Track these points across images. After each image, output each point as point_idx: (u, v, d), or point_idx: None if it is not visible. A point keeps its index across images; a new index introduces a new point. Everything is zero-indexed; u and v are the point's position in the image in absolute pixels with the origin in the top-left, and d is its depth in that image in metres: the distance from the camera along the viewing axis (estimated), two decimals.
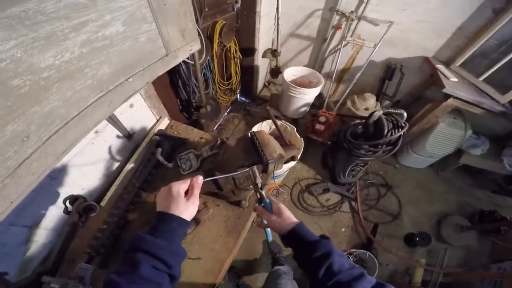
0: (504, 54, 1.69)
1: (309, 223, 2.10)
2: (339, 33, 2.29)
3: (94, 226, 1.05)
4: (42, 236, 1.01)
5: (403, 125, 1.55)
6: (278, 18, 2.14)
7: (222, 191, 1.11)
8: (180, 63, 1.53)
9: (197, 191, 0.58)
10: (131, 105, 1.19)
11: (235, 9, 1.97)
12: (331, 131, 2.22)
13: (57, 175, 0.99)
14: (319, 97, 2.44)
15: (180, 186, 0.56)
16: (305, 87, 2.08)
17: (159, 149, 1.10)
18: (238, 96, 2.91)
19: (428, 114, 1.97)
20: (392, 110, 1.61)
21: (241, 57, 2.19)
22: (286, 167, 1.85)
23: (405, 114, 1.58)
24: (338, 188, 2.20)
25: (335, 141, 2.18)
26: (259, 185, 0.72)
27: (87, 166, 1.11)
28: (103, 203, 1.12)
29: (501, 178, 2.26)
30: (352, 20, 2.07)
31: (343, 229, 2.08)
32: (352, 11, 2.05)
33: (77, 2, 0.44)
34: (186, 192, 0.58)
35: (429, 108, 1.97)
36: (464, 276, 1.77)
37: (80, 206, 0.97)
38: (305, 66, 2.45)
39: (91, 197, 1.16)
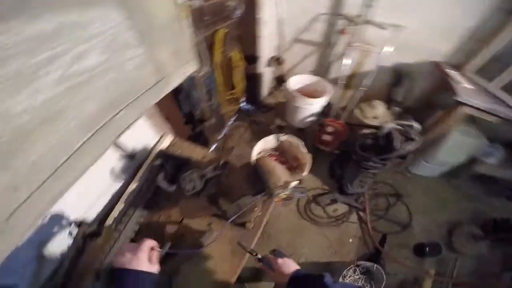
0: None
1: (316, 234, 2.05)
2: (344, 38, 2.22)
3: (101, 244, 1.03)
4: (50, 253, 0.98)
5: (415, 138, 1.49)
6: (281, 24, 2.09)
7: (225, 215, 1.08)
8: None
9: (156, 255, 0.66)
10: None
11: (236, 16, 1.92)
12: (339, 140, 2.16)
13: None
14: (326, 105, 2.38)
15: (145, 248, 0.63)
16: (312, 96, 2.02)
17: (161, 175, 1.07)
18: (243, 105, 2.87)
19: (440, 122, 1.89)
20: (404, 122, 1.55)
21: (245, 65, 2.15)
22: (294, 184, 1.82)
23: (417, 125, 1.51)
24: (346, 198, 2.14)
25: (343, 151, 2.12)
26: (253, 253, 0.81)
27: (90, 187, 1.08)
28: (108, 222, 1.10)
29: None
30: (358, 24, 2.00)
31: (351, 240, 2.03)
32: (357, 15, 1.98)
33: (38, 34, 0.38)
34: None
35: (441, 116, 1.89)
36: (476, 286, 1.70)
37: (85, 232, 0.95)
38: (311, 71, 2.39)
39: (96, 218, 1.13)
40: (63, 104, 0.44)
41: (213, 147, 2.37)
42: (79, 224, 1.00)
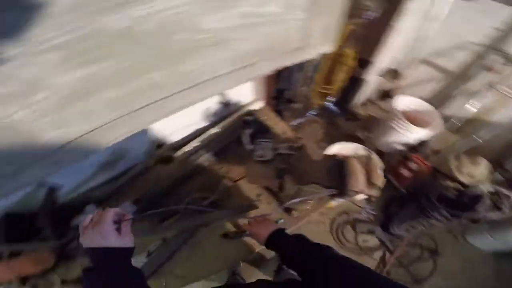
0: None
1: None
2: (487, 76, 1.84)
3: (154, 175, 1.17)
4: (116, 164, 1.16)
5: (504, 209, 1.29)
6: (419, 41, 1.86)
7: (281, 192, 1.10)
8: None
9: (128, 224, 0.53)
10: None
11: (369, 17, 1.79)
12: (415, 181, 1.91)
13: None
14: (420, 140, 2.09)
15: (106, 220, 0.48)
16: (414, 124, 1.79)
17: (248, 130, 1.15)
18: (329, 104, 2.75)
19: None
20: (503, 190, 1.33)
21: (354, 66, 2.02)
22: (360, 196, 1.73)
23: None
24: (384, 235, 2.01)
25: (410, 192, 1.93)
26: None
27: (181, 115, 1.25)
28: (178, 154, 1.25)
29: None
30: None
31: None
32: None
33: None
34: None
35: None
36: None
37: (162, 155, 1.11)
38: (424, 97, 2.10)
39: (171, 146, 1.30)
40: (233, 36, 0.51)
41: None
42: (159, 145, 1.17)
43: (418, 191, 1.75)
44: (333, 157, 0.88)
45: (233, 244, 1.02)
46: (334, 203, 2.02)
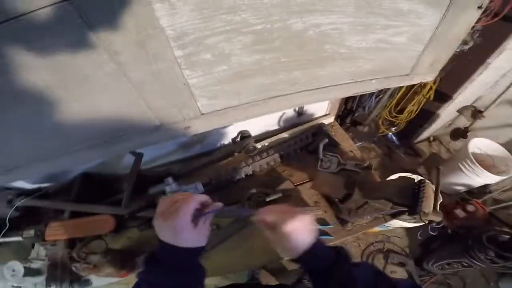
0: None
1: None
2: None
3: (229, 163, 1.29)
4: (193, 146, 1.29)
5: None
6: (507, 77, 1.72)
7: (343, 204, 1.13)
8: None
9: (211, 216, 0.47)
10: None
11: (458, 49, 1.73)
12: (467, 223, 1.83)
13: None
14: (485, 186, 1.92)
15: (185, 213, 0.41)
16: (483, 168, 1.66)
17: (325, 140, 1.22)
18: (391, 134, 2.66)
19: None
20: None
21: (430, 98, 1.95)
22: (403, 224, 1.67)
23: None
24: (415, 269, 1.97)
25: (457, 233, 1.89)
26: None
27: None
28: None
29: None
30: None
31: None
32: None
33: (401, 8, 0.53)
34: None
35: None
36: None
37: (248, 144, 1.23)
38: (499, 143, 1.92)
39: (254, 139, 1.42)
40: (363, 55, 0.61)
41: None
42: (244, 136, 1.31)
43: (467, 232, 1.75)
44: (409, 178, 0.89)
45: None
46: (378, 228, 1.97)
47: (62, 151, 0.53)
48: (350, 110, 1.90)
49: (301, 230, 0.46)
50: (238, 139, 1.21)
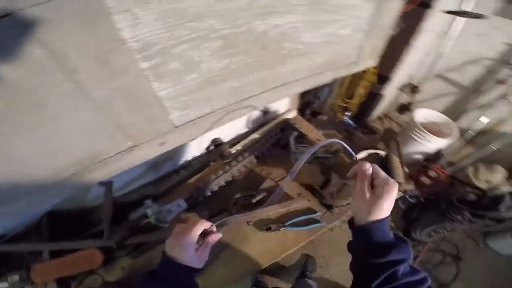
0: None
1: None
2: (500, 89, 1.97)
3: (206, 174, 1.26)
4: (165, 163, 1.24)
5: None
6: (437, 57, 2.02)
7: (324, 189, 1.19)
8: None
9: (210, 245, 0.53)
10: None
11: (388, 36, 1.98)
12: (434, 188, 2.02)
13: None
14: (438, 151, 2.19)
15: (193, 235, 0.49)
16: (433, 134, 1.90)
17: (295, 133, 1.27)
18: (346, 118, 2.88)
19: None
20: None
21: (375, 81, 2.18)
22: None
23: None
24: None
25: (430, 200, 2.00)
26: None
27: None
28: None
29: None
30: None
31: None
32: None
33: (344, 4, 0.60)
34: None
35: None
36: None
37: (223, 151, 1.23)
38: (439, 111, 2.22)
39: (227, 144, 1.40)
40: (316, 50, 0.66)
41: None
42: (218, 144, 1.30)
43: (438, 197, 1.83)
44: (376, 154, 0.99)
45: (277, 238, 1.09)
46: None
47: (23, 191, 0.46)
48: (308, 103, 2.01)
49: (394, 199, 0.48)
50: (212, 147, 1.20)
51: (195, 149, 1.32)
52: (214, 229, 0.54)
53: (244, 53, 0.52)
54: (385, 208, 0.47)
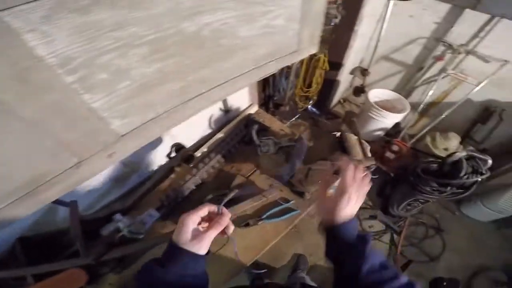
0: None
1: None
2: (438, 65, 2.20)
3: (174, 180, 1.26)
4: (129, 176, 1.21)
5: (484, 172, 1.43)
6: (378, 41, 2.19)
7: (292, 178, 1.25)
8: None
9: (214, 233, 0.51)
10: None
11: (332, 24, 2.08)
12: (400, 162, 2.15)
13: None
14: (396, 126, 2.37)
15: (191, 218, 0.49)
16: (388, 111, 2.07)
17: (256, 126, 1.30)
18: (310, 106, 3.01)
19: None
20: (477, 154, 1.49)
21: (327, 69, 2.30)
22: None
23: (490, 161, 1.45)
24: (386, 218, 2.14)
25: (399, 174, 2.09)
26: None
27: (189, 124, 1.37)
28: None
29: None
30: (459, 53, 1.97)
31: None
32: (461, 44, 1.95)
33: None
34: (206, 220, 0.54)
35: None
36: None
37: (185, 154, 1.23)
38: (392, 89, 2.42)
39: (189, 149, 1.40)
40: (254, 42, 0.68)
41: None
42: (182, 147, 1.29)
43: (404, 170, 1.89)
44: (331, 135, 1.06)
45: (257, 233, 1.12)
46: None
47: None
48: (270, 96, 2.07)
49: (360, 200, 0.53)
50: (174, 153, 1.19)
51: (157, 157, 1.29)
52: (225, 213, 0.54)
53: (178, 55, 0.53)
54: (343, 214, 0.51)
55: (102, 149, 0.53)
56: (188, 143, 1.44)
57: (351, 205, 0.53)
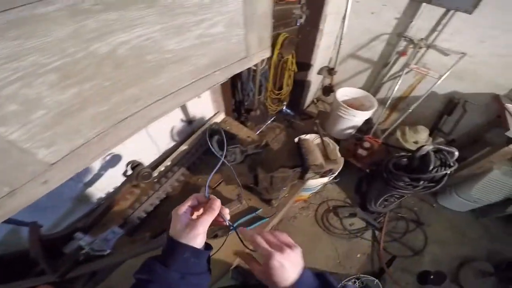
0: None
1: (326, 243, 2.12)
2: (402, 60, 2.25)
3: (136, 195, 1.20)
4: (91, 195, 1.16)
5: (452, 164, 1.47)
6: (341, 38, 2.20)
7: (257, 186, 1.20)
8: None
9: (207, 219, 0.49)
10: (199, 96, 1.36)
11: (298, 24, 2.08)
12: (373, 158, 2.17)
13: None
14: (367, 122, 2.40)
15: (179, 209, 0.50)
16: (356, 109, 2.08)
17: (216, 137, 1.24)
18: (284, 108, 2.99)
19: (482, 158, 1.82)
20: (443, 147, 1.52)
21: (296, 70, 2.29)
22: (321, 181, 1.88)
23: (456, 153, 1.49)
24: (366, 215, 2.14)
25: (374, 170, 2.10)
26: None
27: (149, 140, 1.29)
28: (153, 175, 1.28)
29: None
30: (420, 47, 2.02)
31: (359, 255, 2.06)
32: (421, 39, 2.01)
33: (202, 2, 0.57)
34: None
35: (486, 152, 1.82)
36: None
37: (141, 172, 1.14)
38: (360, 87, 2.44)
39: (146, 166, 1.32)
40: (192, 53, 0.63)
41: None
42: (137, 164, 1.20)
43: (378, 166, 1.87)
44: (290, 142, 1.02)
45: (226, 244, 1.06)
46: (308, 193, 2.19)
47: None
48: (240, 102, 2.02)
49: (288, 265, 0.46)
50: (130, 171, 1.11)
51: (117, 175, 1.20)
52: (213, 197, 0.53)
53: (95, 78, 0.47)
54: (288, 282, 0.46)
55: (33, 179, 0.49)
56: (150, 158, 1.36)
57: (289, 271, 0.46)
